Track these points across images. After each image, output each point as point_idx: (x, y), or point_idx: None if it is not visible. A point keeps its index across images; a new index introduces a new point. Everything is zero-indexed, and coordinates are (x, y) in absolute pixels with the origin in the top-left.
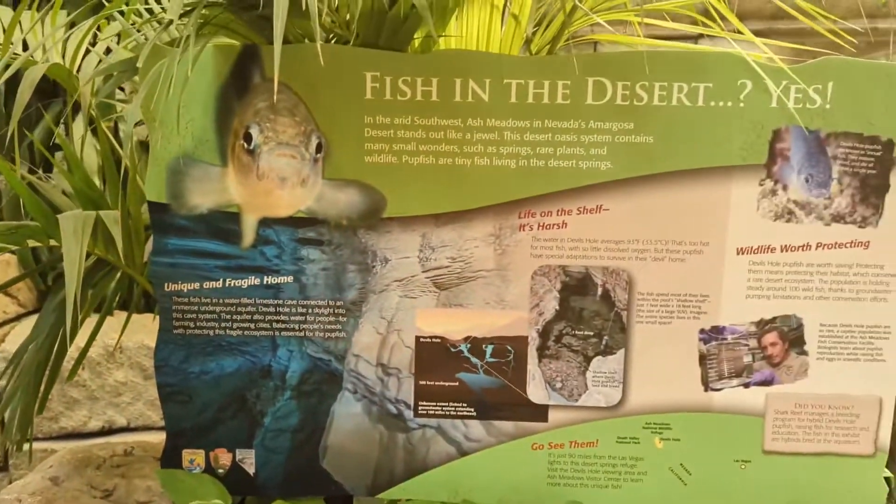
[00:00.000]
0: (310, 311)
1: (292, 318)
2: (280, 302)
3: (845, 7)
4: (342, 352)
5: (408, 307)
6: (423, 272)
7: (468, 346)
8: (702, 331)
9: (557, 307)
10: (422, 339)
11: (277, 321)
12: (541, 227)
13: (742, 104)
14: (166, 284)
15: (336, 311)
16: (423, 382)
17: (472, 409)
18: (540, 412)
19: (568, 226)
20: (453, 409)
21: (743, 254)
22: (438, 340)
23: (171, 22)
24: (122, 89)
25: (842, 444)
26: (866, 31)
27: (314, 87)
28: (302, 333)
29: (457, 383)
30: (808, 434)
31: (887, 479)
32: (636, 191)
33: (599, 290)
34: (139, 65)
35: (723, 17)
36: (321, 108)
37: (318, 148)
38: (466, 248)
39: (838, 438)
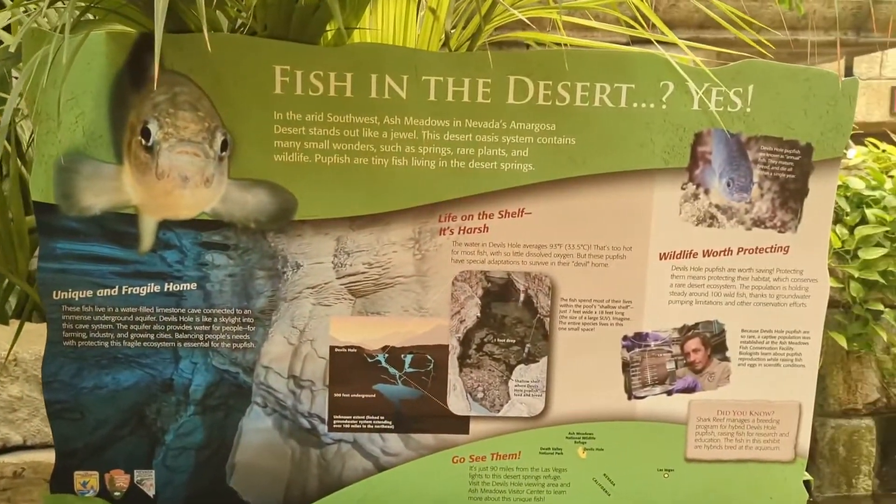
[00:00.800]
0: (215, 320)
1: (196, 327)
2: (183, 311)
3: (768, 18)
4: (250, 363)
5: (321, 315)
6: (338, 278)
7: (386, 355)
8: (625, 337)
9: (479, 314)
10: (336, 350)
11: (180, 331)
12: (462, 231)
13: (664, 106)
14: (55, 292)
15: (244, 319)
16: (338, 395)
17: (390, 422)
18: (461, 424)
19: (489, 230)
20: (370, 422)
21: (665, 259)
22: (354, 350)
23: (52, 2)
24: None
25: (763, 451)
26: (788, 42)
27: (219, 81)
28: (207, 344)
29: (374, 395)
30: (729, 441)
31: (807, 483)
32: (559, 194)
33: (522, 297)
34: (12, 49)
35: (651, 25)
36: (227, 103)
37: (224, 145)
38: (384, 253)
39: (759, 445)
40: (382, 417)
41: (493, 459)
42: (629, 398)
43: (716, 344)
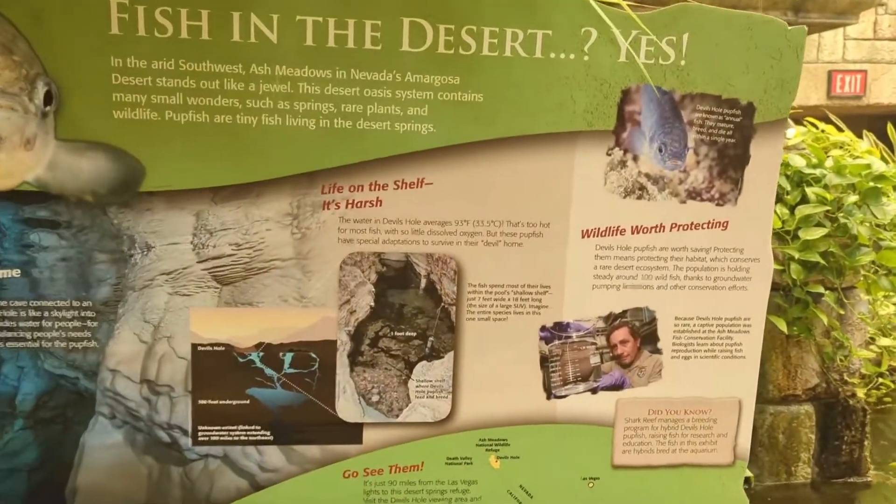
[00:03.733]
0: (46, 314)
1: (21, 324)
2: (4, 303)
3: None
4: (93, 366)
5: (179, 307)
6: (199, 262)
7: (261, 354)
8: (543, 328)
9: (372, 304)
10: (200, 348)
11: (1, 328)
12: (350, 205)
13: (587, 57)
14: None
15: (82, 313)
16: (204, 402)
17: (268, 433)
18: (353, 432)
19: (383, 203)
20: (244, 433)
21: (589, 237)
22: (222, 349)
23: None
24: None
25: (699, 454)
26: None
27: (38, 17)
28: (36, 344)
29: (247, 401)
30: (661, 444)
31: (746, 480)
32: (464, 161)
33: (423, 282)
34: None
35: None
36: (50, 45)
37: (48, 98)
38: (255, 232)
39: (695, 447)
40: (258, 427)
41: (391, 472)
42: (548, 398)
43: (646, 334)
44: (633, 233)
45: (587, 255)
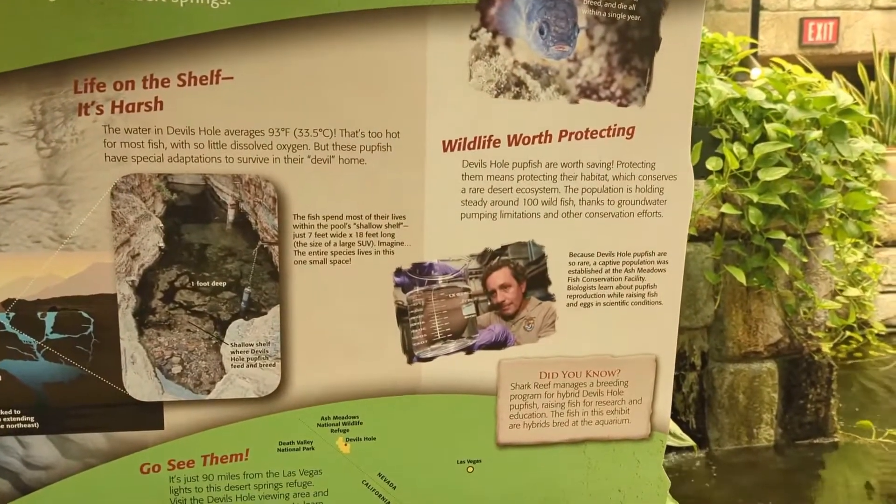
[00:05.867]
0: None
1: None
2: None
3: None
4: None
5: None
6: None
7: (11, 315)
8: (398, 271)
9: (162, 244)
10: None
11: None
12: (117, 109)
13: None
14: None
15: None
16: None
17: (32, 419)
18: (150, 415)
19: (164, 105)
20: None
21: (452, 149)
22: None
23: None
24: None
25: (606, 427)
26: None
27: None
28: None
29: None
30: (559, 415)
31: (699, 442)
32: (276, 46)
33: (230, 213)
34: None
35: None
36: None
37: None
38: None
39: (601, 418)
40: (18, 412)
41: (206, 464)
42: (410, 361)
43: (533, 276)
44: (510, 144)
45: (452, 174)
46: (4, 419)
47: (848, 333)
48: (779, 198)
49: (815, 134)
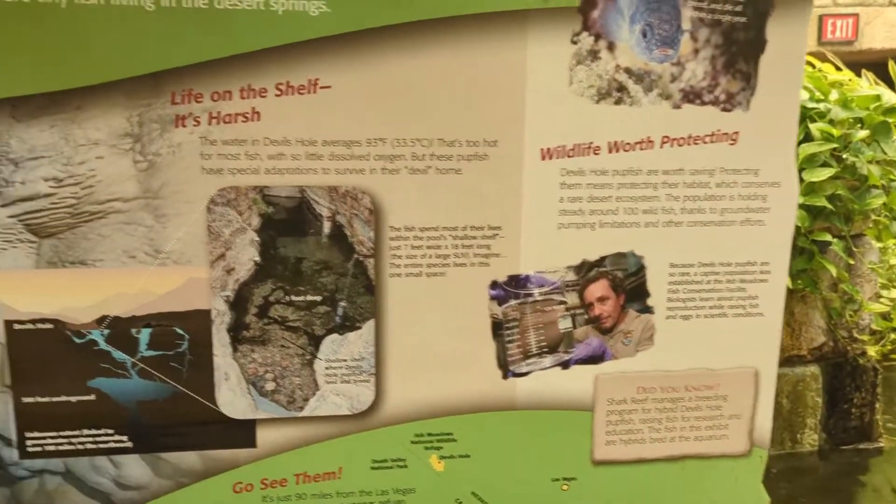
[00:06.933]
0: None
1: None
2: None
3: None
4: None
5: None
6: (3, 207)
7: (105, 332)
8: (494, 284)
9: (257, 258)
10: (17, 327)
11: None
12: (214, 120)
13: None
14: None
15: None
16: (30, 400)
17: (125, 438)
18: (243, 433)
19: (262, 116)
20: (90, 439)
21: (551, 158)
22: (49, 326)
23: None
24: None
25: (705, 442)
26: None
27: None
28: None
29: (92, 396)
30: (656, 431)
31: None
32: (374, 55)
33: (326, 226)
34: None
35: None
36: None
37: None
38: (81, 161)
39: (700, 434)
40: (111, 431)
41: (298, 483)
42: (505, 376)
43: (632, 288)
44: (610, 151)
45: (550, 183)
46: (97, 439)
47: (894, 335)
48: (824, 198)
49: (862, 133)
